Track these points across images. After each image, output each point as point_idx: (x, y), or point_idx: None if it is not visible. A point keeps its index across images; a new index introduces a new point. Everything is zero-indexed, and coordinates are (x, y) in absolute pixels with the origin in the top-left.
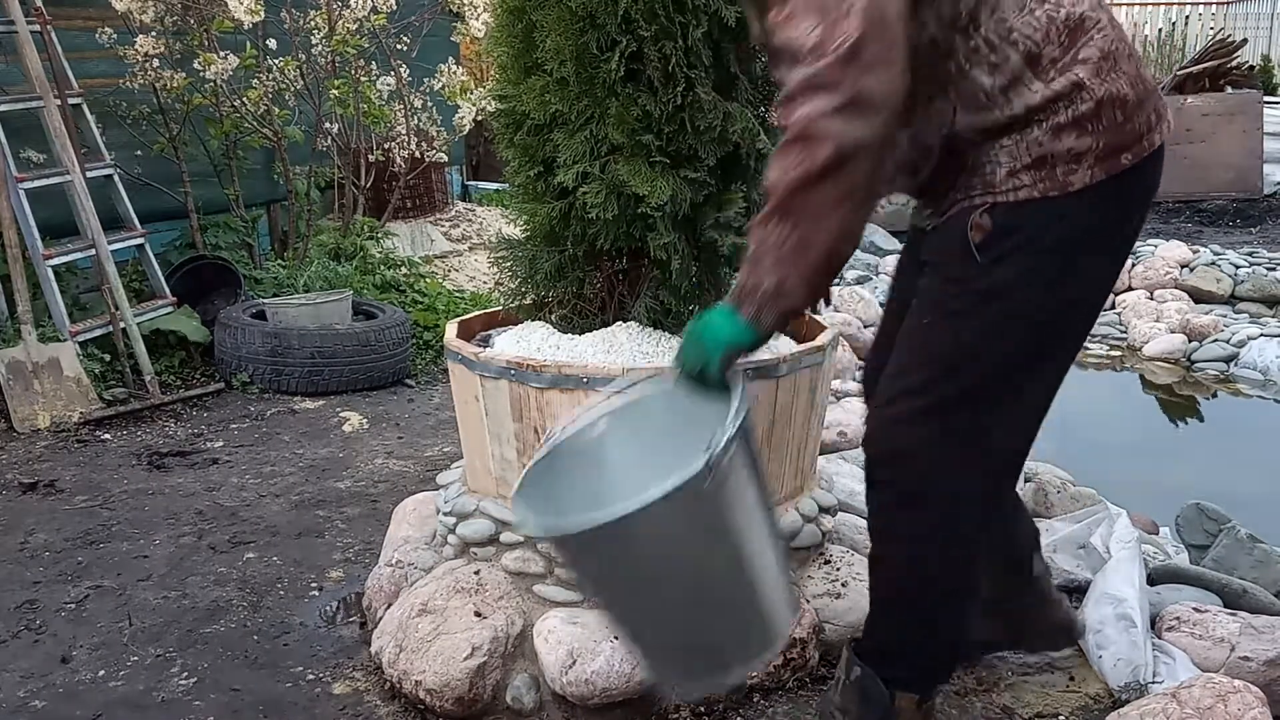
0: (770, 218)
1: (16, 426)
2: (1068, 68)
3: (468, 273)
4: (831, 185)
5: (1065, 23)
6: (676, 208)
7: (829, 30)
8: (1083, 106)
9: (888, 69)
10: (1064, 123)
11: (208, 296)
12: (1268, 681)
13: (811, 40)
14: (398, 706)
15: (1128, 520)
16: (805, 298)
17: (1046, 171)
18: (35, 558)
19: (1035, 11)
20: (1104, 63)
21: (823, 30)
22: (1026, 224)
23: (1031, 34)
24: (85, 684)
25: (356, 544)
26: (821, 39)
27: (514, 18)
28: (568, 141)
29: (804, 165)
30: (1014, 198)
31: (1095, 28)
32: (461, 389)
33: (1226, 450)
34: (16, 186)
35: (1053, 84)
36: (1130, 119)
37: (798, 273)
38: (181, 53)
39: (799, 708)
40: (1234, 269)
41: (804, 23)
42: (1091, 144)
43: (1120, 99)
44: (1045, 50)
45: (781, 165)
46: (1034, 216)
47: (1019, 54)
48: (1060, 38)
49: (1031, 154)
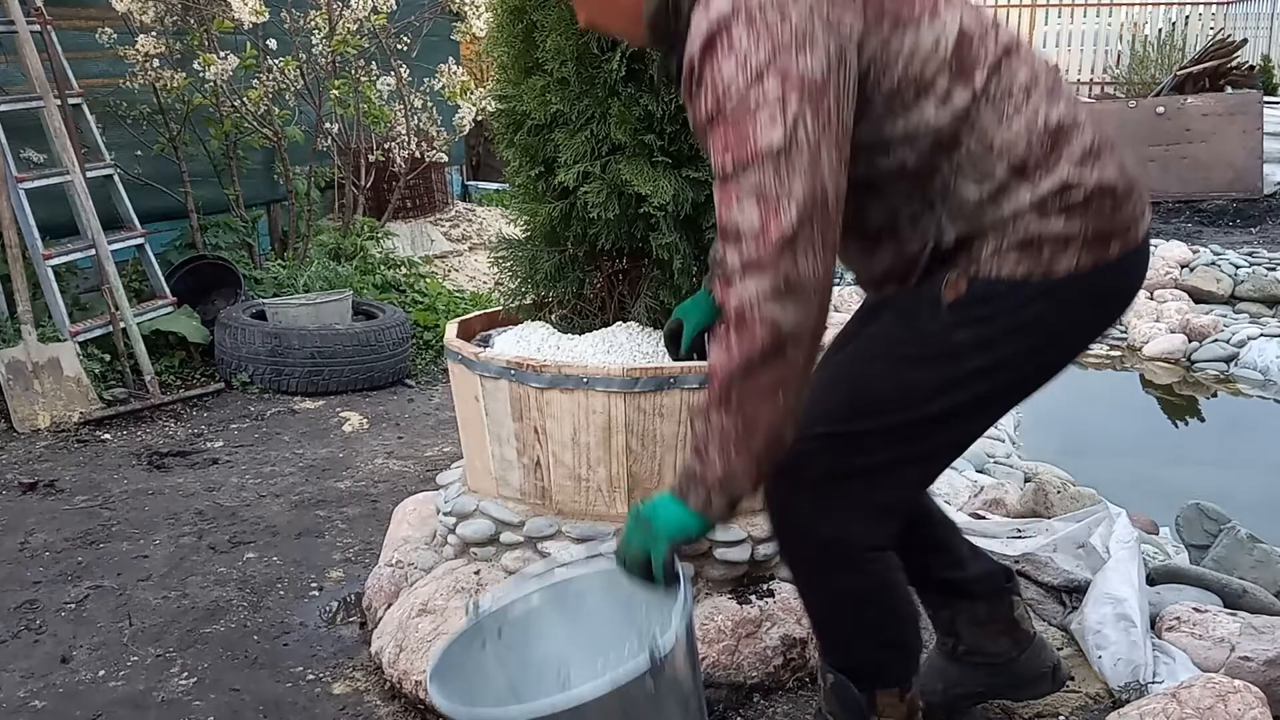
0: (712, 407)
1: (16, 426)
2: (1054, 169)
3: (468, 273)
4: (771, 370)
5: (1045, 130)
6: (679, 207)
7: (769, 217)
8: (1072, 198)
9: (822, 254)
10: (1053, 210)
11: (208, 296)
12: (1268, 681)
13: (751, 224)
14: (398, 706)
15: (1127, 520)
16: (754, 482)
17: (1033, 253)
18: (35, 558)
19: (1015, 123)
20: (1088, 158)
21: (762, 216)
22: (1003, 300)
23: (1014, 144)
24: (85, 684)
25: (356, 544)
26: (762, 225)
27: (514, 17)
28: (568, 141)
29: (743, 352)
30: (996, 274)
31: (1075, 129)
32: (461, 389)
33: (1226, 450)
34: (16, 186)
35: (1040, 186)
36: (1120, 207)
37: (743, 459)
38: (182, 53)
39: (799, 708)
40: (1234, 269)
41: (745, 206)
42: (1081, 228)
43: (1109, 187)
44: (1030, 159)
45: (722, 352)
46: (1012, 294)
47: (1004, 165)
48: (1043, 144)
49: (1019, 235)
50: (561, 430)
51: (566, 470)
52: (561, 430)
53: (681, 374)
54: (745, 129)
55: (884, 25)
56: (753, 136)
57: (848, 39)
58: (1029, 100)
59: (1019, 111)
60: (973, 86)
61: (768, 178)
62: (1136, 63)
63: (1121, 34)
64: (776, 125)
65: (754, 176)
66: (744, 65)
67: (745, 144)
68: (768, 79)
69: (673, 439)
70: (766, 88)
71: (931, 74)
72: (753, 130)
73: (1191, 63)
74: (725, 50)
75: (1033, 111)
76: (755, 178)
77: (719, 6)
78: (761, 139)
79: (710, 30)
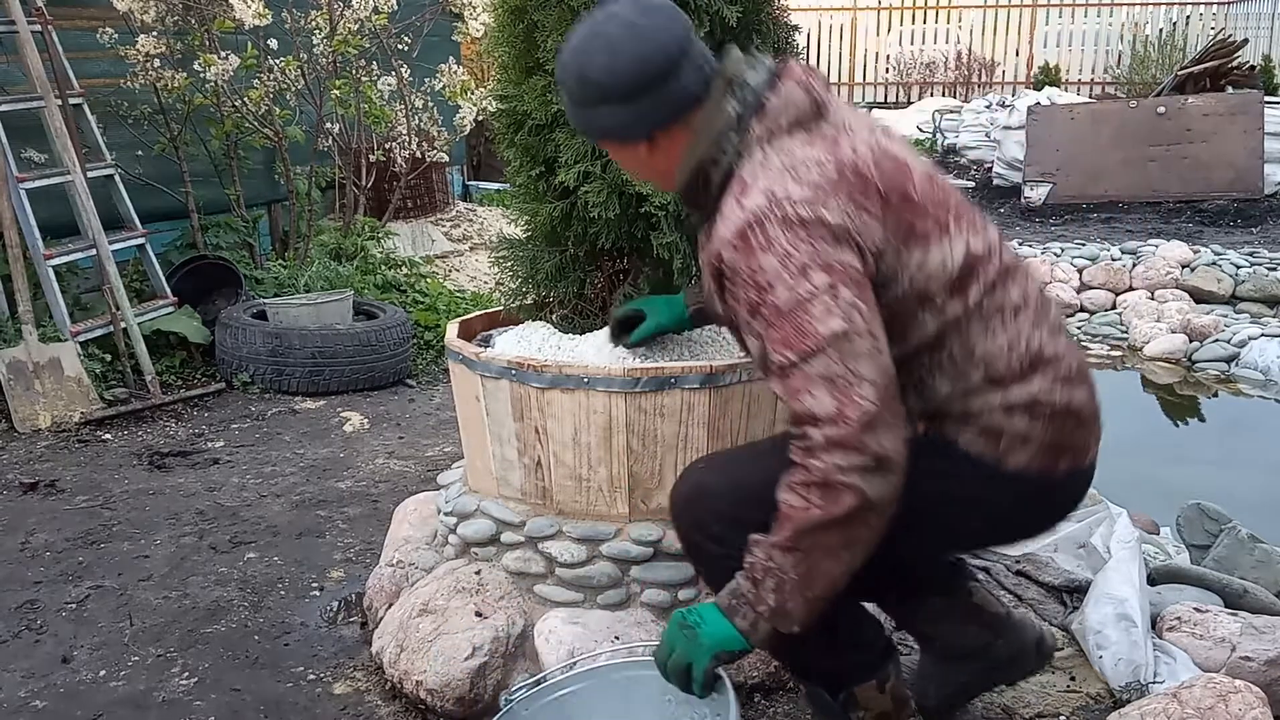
0: (776, 546)
1: (17, 426)
2: (1027, 384)
3: (468, 273)
4: (845, 531)
5: (1026, 352)
6: (679, 207)
7: (843, 399)
8: (1039, 411)
9: (898, 429)
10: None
11: (208, 297)
12: (1268, 681)
13: (828, 410)
14: (398, 706)
15: (1128, 520)
16: (803, 622)
17: (990, 440)
18: (36, 558)
19: (999, 338)
20: (1060, 383)
21: (837, 400)
22: (951, 467)
23: (995, 357)
24: (86, 684)
25: (357, 544)
26: (838, 408)
27: (515, 18)
28: (569, 141)
29: (824, 510)
30: (953, 440)
31: (1055, 360)
32: (462, 389)
33: (1227, 450)
34: (17, 186)
35: (1011, 394)
36: (1080, 428)
37: (799, 601)
38: (183, 52)
39: (799, 708)
40: (1235, 269)
41: (817, 393)
42: (1041, 434)
43: (1075, 410)
44: (1006, 374)
45: (799, 501)
46: (961, 465)
47: (980, 373)
48: (1020, 364)
49: (981, 424)
50: (562, 430)
51: (567, 470)
52: (562, 430)
53: (682, 374)
54: (801, 321)
55: (900, 238)
56: (811, 327)
57: (870, 244)
58: (1015, 319)
59: (1005, 328)
60: (966, 301)
61: (834, 364)
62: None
63: (1122, 34)
64: (834, 315)
65: (820, 364)
66: (786, 261)
67: (805, 336)
68: (814, 273)
69: (673, 439)
70: (815, 282)
71: (934, 290)
72: (809, 322)
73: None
74: (763, 246)
75: (1017, 332)
76: (822, 365)
77: (755, 202)
78: (822, 328)
79: (744, 223)
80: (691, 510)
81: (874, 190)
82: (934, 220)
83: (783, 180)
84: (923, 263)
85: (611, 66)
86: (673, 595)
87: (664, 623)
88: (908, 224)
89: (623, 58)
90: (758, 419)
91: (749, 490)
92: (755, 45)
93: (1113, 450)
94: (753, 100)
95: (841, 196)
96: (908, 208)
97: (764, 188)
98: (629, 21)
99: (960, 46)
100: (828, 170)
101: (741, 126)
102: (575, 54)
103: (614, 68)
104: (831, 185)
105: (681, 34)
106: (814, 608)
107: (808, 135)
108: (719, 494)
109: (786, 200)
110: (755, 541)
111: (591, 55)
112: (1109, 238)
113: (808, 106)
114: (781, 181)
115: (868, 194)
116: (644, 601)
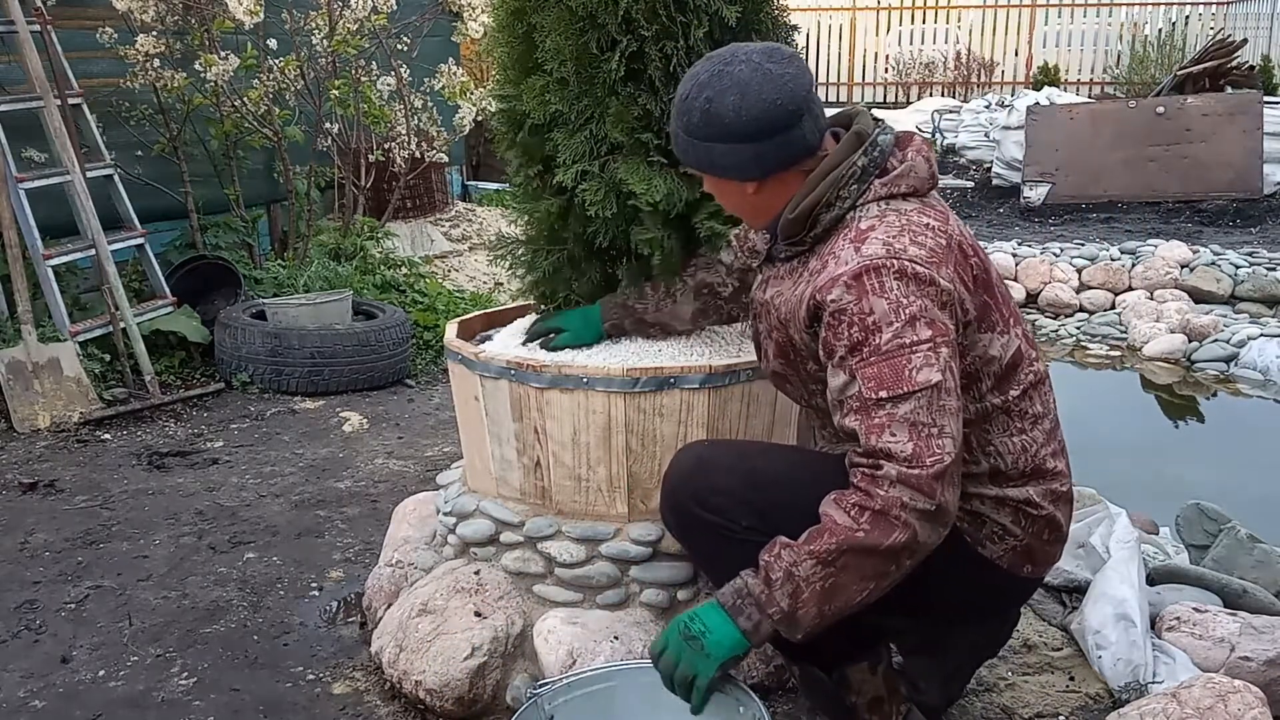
0: (817, 556)
1: (16, 426)
2: (1023, 488)
3: (468, 273)
4: (883, 562)
5: (1031, 461)
6: (671, 205)
7: (923, 445)
8: (1027, 512)
9: (958, 488)
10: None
11: (208, 296)
12: (1268, 681)
13: (905, 451)
14: (398, 706)
15: (1127, 520)
16: (809, 632)
17: (973, 523)
18: (35, 558)
19: (1015, 439)
20: (1051, 497)
21: (917, 445)
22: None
23: (1003, 455)
24: (85, 684)
25: (356, 544)
26: (916, 452)
27: (514, 18)
28: (567, 141)
29: (871, 537)
30: None
31: (1054, 474)
32: (461, 389)
33: (1226, 450)
34: (17, 186)
35: (1006, 491)
36: (1053, 542)
37: (813, 611)
38: (182, 52)
39: (799, 707)
40: (1234, 269)
41: (898, 433)
42: (1020, 537)
43: (1057, 524)
44: (1009, 474)
45: (848, 521)
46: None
47: (987, 464)
48: (1024, 470)
49: (970, 507)
50: (561, 430)
51: (566, 470)
52: (561, 430)
53: (682, 374)
54: (901, 365)
55: (977, 319)
56: (909, 374)
57: (958, 316)
58: (1033, 428)
59: (1022, 433)
60: (1004, 396)
61: (921, 411)
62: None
63: (1121, 34)
64: (933, 368)
65: (908, 407)
66: (898, 309)
67: (901, 379)
68: (921, 326)
69: (672, 439)
70: (920, 333)
71: (983, 376)
72: (908, 368)
73: (1191, 63)
74: (876, 290)
75: (1031, 440)
76: (910, 409)
77: (873, 250)
78: (919, 376)
79: (861, 268)
80: (692, 481)
81: (970, 268)
82: (1000, 314)
83: (901, 238)
84: (986, 348)
85: (741, 106)
86: (671, 595)
87: (663, 623)
88: (985, 308)
89: (752, 100)
90: (757, 419)
91: (763, 476)
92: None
93: (1112, 450)
94: (879, 159)
95: (950, 266)
96: (988, 294)
97: (884, 240)
98: (761, 67)
99: (959, 46)
100: (939, 239)
101: (864, 180)
102: (701, 89)
103: (743, 108)
104: (943, 253)
105: (808, 86)
106: (823, 622)
107: (921, 204)
108: (727, 470)
109: (904, 256)
110: (784, 545)
111: (721, 93)
112: (1108, 238)
113: (925, 177)
114: (900, 239)
115: (966, 270)
116: (643, 601)
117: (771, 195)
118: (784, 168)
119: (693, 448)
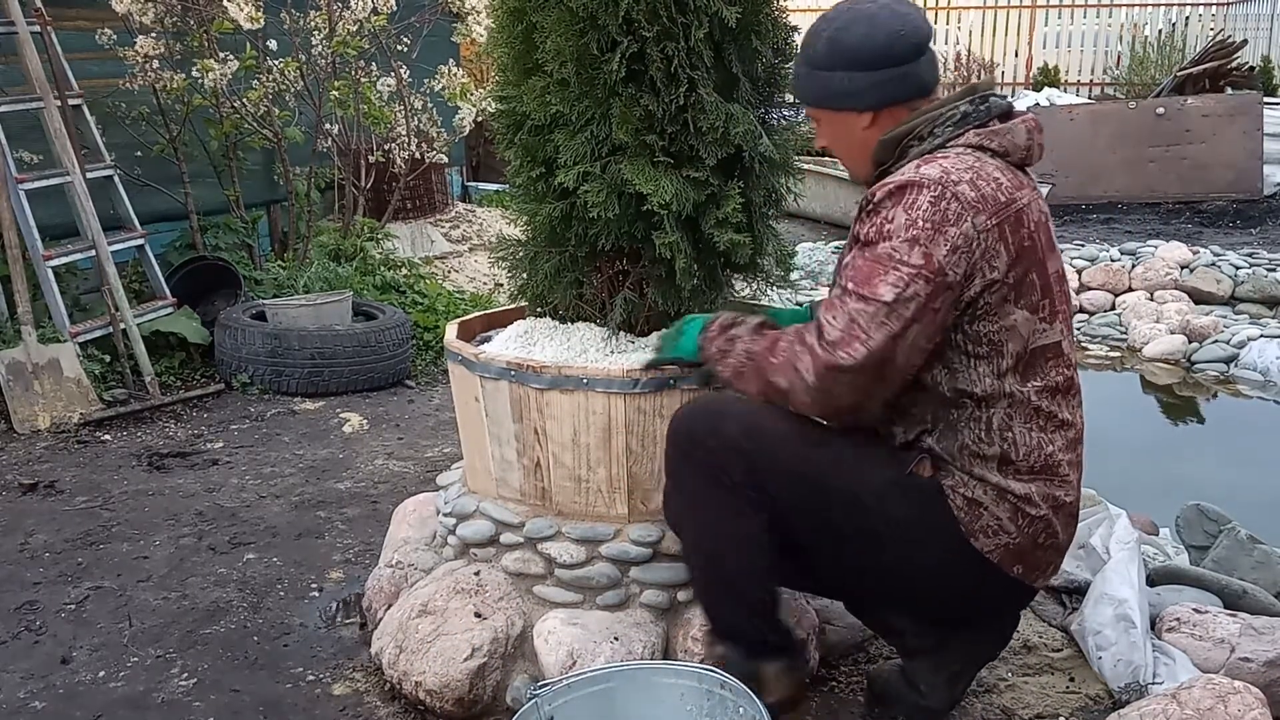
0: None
1: (16, 427)
2: (1026, 483)
3: (468, 273)
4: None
5: (1046, 460)
6: (680, 207)
7: (846, 339)
8: (1025, 509)
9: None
10: (1005, 502)
11: (208, 297)
12: (1268, 682)
13: (831, 335)
14: (398, 707)
15: (1127, 521)
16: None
17: (970, 512)
18: (35, 558)
19: (1034, 435)
20: (1052, 504)
21: (843, 335)
22: (929, 514)
23: (1016, 444)
24: (85, 685)
25: (356, 545)
26: (836, 340)
27: (514, 19)
28: (568, 142)
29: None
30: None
31: (1063, 482)
32: (461, 390)
33: (1226, 451)
34: (17, 187)
35: (1009, 482)
36: (1048, 547)
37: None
38: (181, 54)
39: (798, 707)
40: (1234, 270)
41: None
42: (1013, 535)
43: (1054, 529)
44: (1017, 463)
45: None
46: (938, 515)
47: (998, 448)
48: (1035, 465)
49: (970, 494)
50: (561, 431)
51: (566, 471)
52: (561, 431)
53: (682, 375)
54: (876, 271)
55: (1014, 285)
56: (875, 281)
57: (986, 272)
58: (1055, 434)
59: (1043, 433)
60: (1026, 387)
61: (864, 315)
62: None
63: (1121, 35)
64: (895, 289)
65: (858, 306)
66: (909, 225)
67: (868, 282)
68: (915, 251)
69: None
70: (909, 257)
71: (1005, 351)
72: (878, 277)
73: (1191, 64)
74: (908, 204)
75: (1049, 440)
76: (857, 308)
77: (928, 172)
78: (880, 289)
79: (909, 181)
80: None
81: (1020, 238)
82: (1046, 303)
83: (962, 176)
84: (1014, 321)
85: (870, 34)
86: (671, 596)
87: (663, 623)
88: (1024, 282)
89: (881, 30)
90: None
91: (767, 434)
92: (755, 46)
93: (1112, 451)
94: (984, 113)
95: (995, 218)
96: (1036, 269)
97: (944, 168)
98: (889, 5)
99: (959, 47)
100: (999, 195)
101: (961, 125)
102: (829, 22)
103: (872, 35)
104: (996, 206)
105: (930, 29)
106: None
107: (1004, 165)
108: (735, 418)
109: (954, 188)
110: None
111: (850, 24)
112: (1108, 238)
113: (1022, 145)
114: (961, 176)
115: (1016, 234)
116: (643, 602)
117: (882, 131)
118: (897, 101)
119: (715, 394)
